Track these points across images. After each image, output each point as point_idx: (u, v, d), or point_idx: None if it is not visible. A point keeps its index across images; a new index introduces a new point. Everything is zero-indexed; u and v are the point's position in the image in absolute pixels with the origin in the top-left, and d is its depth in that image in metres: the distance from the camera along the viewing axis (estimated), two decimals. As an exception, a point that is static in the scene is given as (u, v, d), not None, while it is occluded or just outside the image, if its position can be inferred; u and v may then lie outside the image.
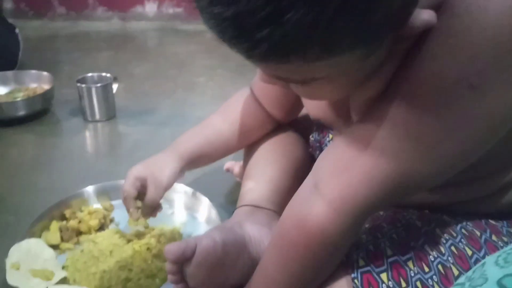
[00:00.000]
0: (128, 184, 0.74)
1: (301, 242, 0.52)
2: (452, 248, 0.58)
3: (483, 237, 0.60)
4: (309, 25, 0.34)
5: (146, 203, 0.75)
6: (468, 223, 0.61)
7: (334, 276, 0.55)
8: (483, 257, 0.57)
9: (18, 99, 1.32)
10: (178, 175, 0.78)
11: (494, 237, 0.60)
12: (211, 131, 0.83)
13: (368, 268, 0.54)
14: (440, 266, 0.55)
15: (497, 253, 0.50)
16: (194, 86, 1.65)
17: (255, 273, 0.60)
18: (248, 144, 0.87)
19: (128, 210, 0.74)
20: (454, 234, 0.59)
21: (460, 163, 0.49)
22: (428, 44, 0.44)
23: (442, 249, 0.57)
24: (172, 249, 0.59)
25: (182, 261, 0.60)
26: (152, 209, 0.77)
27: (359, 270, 0.54)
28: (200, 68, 1.82)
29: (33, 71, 1.52)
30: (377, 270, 0.54)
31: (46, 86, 1.42)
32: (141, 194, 0.75)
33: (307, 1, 0.33)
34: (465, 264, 0.56)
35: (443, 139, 0.45)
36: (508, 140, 0.50)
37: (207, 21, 0.38)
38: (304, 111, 0.87)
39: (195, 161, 0.81)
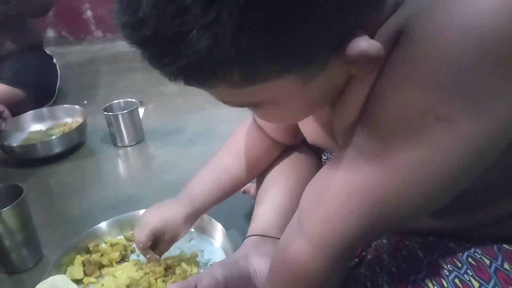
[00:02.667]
0: (144, 236, 0.74)
1: (289, 278, 0.51)
2: (456, 280, 0.54)
3: (493, 266, 0.55)
4: (208, 50, 0.34)
5: (159, 251, 0.77)
6: (477, 250, 0.57)
7: None
8: (493, 288, 0.53)
9: (53, 137, 1.36)
10: (193, 222, 0.80)
11: (506, 265, 0.55)
12: (221, 171, 0.83)
13: None
14: None
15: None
16: (220, 103, 1.66)
17: None
18: (258, 174, 0.86)
19: (144, 256, 0.77)
20: (459, 265, 0.55)
21: (444, 193, 0.45)
22: (391, 73, 0.41)
23: (445, 283, 0.54)
24: None
25: None
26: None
27: None
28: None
29: (66, 106, 1.57)
30: None
31: (80, 119, 1.46)
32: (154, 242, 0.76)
33: (205, 23, 0.33)
34: None
35: (419, 172, 0.42)
36: None
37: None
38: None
39: (208, 206, 0.82)
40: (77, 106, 1.53)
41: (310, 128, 0.65)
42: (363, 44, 0.38)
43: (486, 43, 0.36)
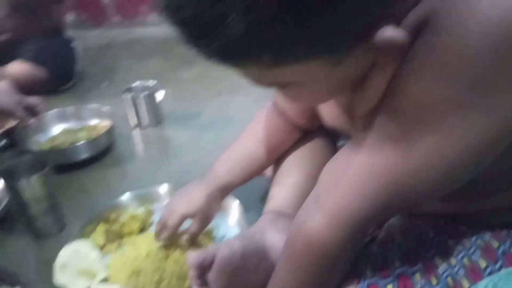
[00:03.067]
0: (174, 222, 0.78)
1: (304, 251, 0.55)
2: (465, 260, 0.57)
3: (501, 248, 0.58)
4: (245, 33, 0.37)
5: (189, 234, 0.80)
6: (486, 233, 0.60)
7: (342, 285, 0.57)
8: (499, 270, 0.56)
9: (81, 142, 1.23)
10: (219, 203, 0.84)
11: None
12: (243, 155, 0.86)
13: (375, 279, 0.56)
14: (449, 279, 0.55)
15: (486, 280, 0.49)
16: (238, 88, 1.69)
17: (270, 279, 0.64)
18: (278, 157, 0.89)
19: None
20: (468, 246, 0.59)
21: (454, 178, 0.49)
22: (413, 61, 0.45)
23: (453, 261, 0.57)
24: (193, 257, 0.64)
25: (203, 269, 0.64)
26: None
27: (366, 281, 0.56)
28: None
29: (93, 106, 1.46)
30: (383, 281, 0.55)
31: (106, 122, 1.36)
32: None
33: (242, 8, 0.36)
34: (477, 276, 0.56)
35: (433, 155, 0.46)
36: None
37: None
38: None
39: (232, 186, 0.85)
40: (105, 107, 1.42)
41: (330, 111, 0.68)
42: (389, 32, 0.41)
43: (504, 39, 0.39)
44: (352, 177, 0.50)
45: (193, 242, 0.84)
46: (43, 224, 0.93)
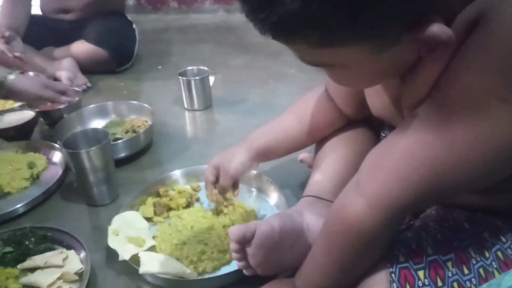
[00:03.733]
0: (207, 172, 0.89)
1: (341, 232, 0.58)
2: (498, 253, 0.58)
3: None
4: (297, 11, 0.41)
5: (218, 187, 0.88)
6: None
7: (374, 268, 0.59)
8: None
9: (118, 141, 1.18)
10: (248, 166, 0.88)
11: None
12: (282, 128, 0.91)
13: (407, 264, 0.58)
14: (481, 270, 0.57)
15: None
16: (284, 77, 1.73)
17: (306, 258, 0.67)
18: (319, 139, 0.92)
19: (209, 193, 0.89)
20: (504, 240, 0.60)
21: (495, 171, 0.50)
22: (465, 56, 0.47)
23: (487, 254, 0.58)
24: (234, 231, 0.68)
25: (243, 242, 0.69)
26: (225, 192, 0.89)
27: (398, 266, 0.58)
28: (293, 59, 1.86)
29: (134, 102, 1.40)
30: (415, 267, 0.57)
31: (145, 118, 1.34)
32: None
33: None
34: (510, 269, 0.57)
35: (475, 147, 0.48)
36: None
37: None
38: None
39: (263, 154, 0.90)
40: (146, 105, 1.36)
41: (378, 101, 0.70)
42: (435, 28, 0.43)
43: None
44: (395, 163, 0.53)
45: (236, 218, 0.89)
46: (98, 192, 1.01)
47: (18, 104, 1.46)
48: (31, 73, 1.50)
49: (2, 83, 1.13)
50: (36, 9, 1.91)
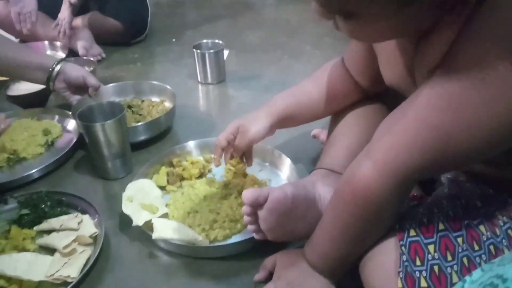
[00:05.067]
0: (222, 134, 0.88)
1: (351, 197, 0.59)
2: (509, 231, 0.59)
3: None
4: None
5: (234, 148, 0.88)
6: None
7: (384, 240, 0.60)
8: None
9: (139, 123, 1.14)
10: (267, 131, 0.87)
11: None
12: (302, 94, 0.91)
13: (418, 238, 0.58)
14: (491, 247, 0.57)
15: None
16: (300, 54, 1.71)
17: (317, 227, 0.68)
18: (335, 111, 0.92)
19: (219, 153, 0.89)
20: None
21: (501, 139, 0.50)
22: (476, 23, 0.48)
23: (498, 231, 0.58)
24: (248, 194, 0.69)
25: (256, 206, 0.69)
26: (239, 154, 0.89)
27: (409, 239, 0.58)
28: (309, 36, 1.87)
29: (156, 83, 1.34)
30: (426, 241, 0.58)
31: (167, 102, 1.30)
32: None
33: None
34: None
35: (481, 112, 0.49)
36: None
37: None
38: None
39: (284, 120, 0.89)
40: (168, 87, 1.30)
41: (392, 71, 0.70)
42: None
43: None
44: (403, 128, 0.53)
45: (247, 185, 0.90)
46: (112, 166, 1.01)
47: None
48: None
49: (51, 72, 1.10)
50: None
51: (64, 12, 1.65)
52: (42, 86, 1.32)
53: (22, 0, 1.58)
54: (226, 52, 1.49)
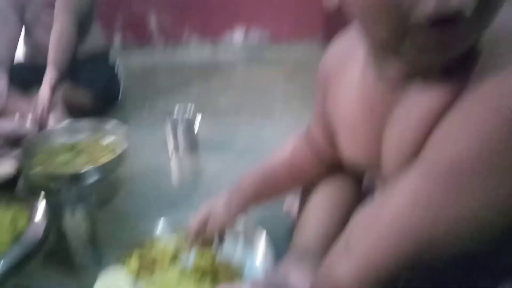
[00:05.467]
0: (193, 220, 0.89)
1: None
2: None
3: None
4: None
5: (206, 234, 0.88)
6: None
7: None
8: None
9: (84, 169, 1.15)
10: (237, 214, 0.88)
11: None
12: (269, 172, 0.90)
13: None
14: None
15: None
16: (270, 116, 1.74)
17: None
18: (304, 184, 0.92)
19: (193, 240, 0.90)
20: None
21: (486, 239, 0.49)
22: (452, 116, 0.46)
23: None
24: None
25: None
26: (211, 241, 0.89)
27: None
28: (279, 97, 1.91)
29: (111, 122, 1.43)
30: None
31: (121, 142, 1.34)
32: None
33: None
34: None
35: (467, 215, 0.46)
36: None
37: None
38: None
39: (253, 201, 0.89)
40: (121, 129, 1.39)
41: (353, 144, 0.69)
42: None
43: None
44: (384, 228, 0.52)
45: (220, 276, 0.88)
46: (81, 256, 0.99)
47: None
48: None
49: None
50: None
51: (45, 92, 1.62)
52: (7, 171, 1.30)
53: None
54: (198, 119, 1.51)
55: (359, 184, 0.91)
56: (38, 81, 1.84)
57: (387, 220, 0.52)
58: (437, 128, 0.47)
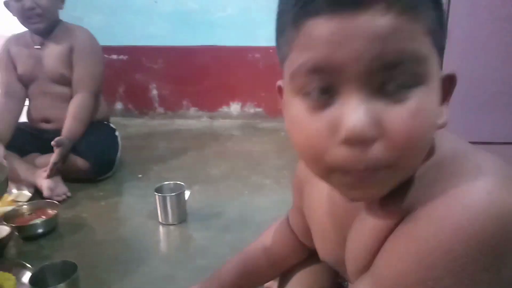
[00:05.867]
0: None
1: None
2: None
3: None
4: None
5: None
6: None
7: None
8: None
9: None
10: None
11: None
12: (247, 263, 0.92)
13: None
14: None
15: None
16: (260, 188, 1.79)
17: None
18: (283, 271, 0.94)
19: None
20: None
21: None
22: (397, 242, 0.50)
23: None
24: None
25: None
26: None
27: None
28: (270, 169, 1.97)
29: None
30: None
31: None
32: None
33: None
34: None
35: None
36: None
37: None
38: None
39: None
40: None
41: (323, 244, 0.73)
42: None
43: (472, 240, 0.44)
44: None
45: None
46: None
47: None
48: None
49: None
50: (23, 117, 2.03)
51: (55, 159, 1.75)
52: (1, 235, 1.34)
53: None
54: (187, 193, 1.56)
55: (336, 274, 0.93)
56: (35, 147, 1.94)
57: None
58: (385, 245, 0.52)
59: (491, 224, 0.45)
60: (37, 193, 1.75)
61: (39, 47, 1.87)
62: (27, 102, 2.03)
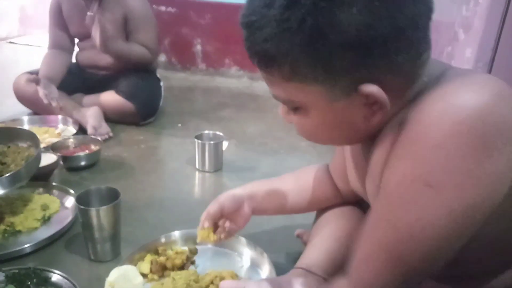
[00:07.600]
0: (214, 205, 0.97)
1: None
2: None
3: None
4: (270, 38, 0.53)
5: (207, 213, 0.96)
6: None
7: None
8: None
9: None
10: (236, 199, 0.96)
11: None
12: (278, 186, 0.99)
13: None
14: None
15: None
16: (295, 150, 1.81)
17: None
18: (310, 210, 1.00)
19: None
20: None
21: (438, 251, 0.55)
22: (396, 150, 0.56)
23: None
24: (225, 284, 0.76)
25: None
26: (212, 220, 0.96)
27: None
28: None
29: (20, 128, 1.67)
30: None
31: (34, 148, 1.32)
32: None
33: (272, 17, 0.52)
34: None
35: (416, 228, 0.54)
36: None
37: None
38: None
39: (254, 199, 0.97)
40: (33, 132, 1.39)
41: (352, 177, 0.82)
42: (375, 88, 0.55)
43: (460, 133, 0.49)
44: (365, 251, 0.60)
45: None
46: (101, 249, 1.06)
47: (43, 145, 1.57)
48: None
49: None
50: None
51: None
52: (48, 162, 1.42)
53: (50, 87, 1.80)
54: (225, 144, 1.59)
55: (364, 214, 0.96)
56: (82, 88, 2.03)
57: (365, 246, 0.60)
58: (385, 168, 0.58)
59: (481, 121, 0.49)
60: (81, 130, 1.83)
61: (91, 13, 1.82)
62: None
